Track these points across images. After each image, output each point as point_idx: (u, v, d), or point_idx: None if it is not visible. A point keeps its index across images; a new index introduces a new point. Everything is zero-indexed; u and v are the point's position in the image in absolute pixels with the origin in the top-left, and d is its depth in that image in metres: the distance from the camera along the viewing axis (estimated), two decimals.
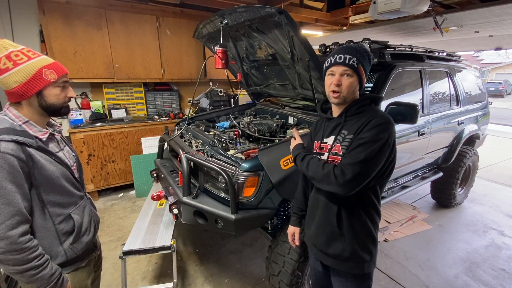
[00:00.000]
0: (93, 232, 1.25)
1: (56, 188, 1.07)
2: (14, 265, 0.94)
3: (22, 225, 0.95)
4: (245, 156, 1.81)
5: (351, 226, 1.17)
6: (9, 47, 0.99)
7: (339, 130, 1.17)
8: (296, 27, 1.81)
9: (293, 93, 2.68)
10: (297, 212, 1.46)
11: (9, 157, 0.91)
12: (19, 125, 1.01)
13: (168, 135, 2.70)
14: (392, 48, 2.56)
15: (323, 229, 1.23)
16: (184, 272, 2.42)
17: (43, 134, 1.06)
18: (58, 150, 1.14)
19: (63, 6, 3.27)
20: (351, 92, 1.14)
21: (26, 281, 0.99)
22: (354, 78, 1.12)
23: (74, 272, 1.17)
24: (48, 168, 1.02)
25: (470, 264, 2.57)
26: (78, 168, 1.25)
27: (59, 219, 1.09)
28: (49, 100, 1.05)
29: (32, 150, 0.98)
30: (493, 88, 20.00)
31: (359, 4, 3.85)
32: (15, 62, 0.97)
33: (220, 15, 2.20)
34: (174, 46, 4.14)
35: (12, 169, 0.92)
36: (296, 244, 1.47)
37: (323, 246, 1.25)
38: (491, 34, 4.20)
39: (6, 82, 0.98)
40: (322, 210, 1.23)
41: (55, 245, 1.09)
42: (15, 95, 1.00)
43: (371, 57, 1.18)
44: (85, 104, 3.81)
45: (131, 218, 3.26)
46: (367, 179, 1.08)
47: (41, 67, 1.01)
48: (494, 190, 4.22)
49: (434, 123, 2.76)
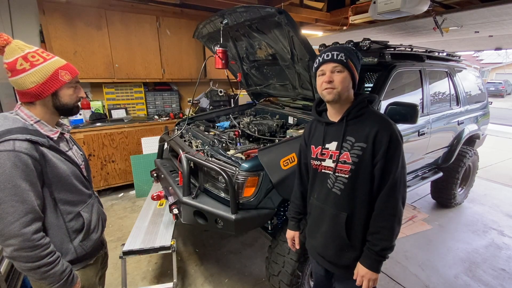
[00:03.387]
0: (101, 229, 1.27)
1: (67, 187, 1.08)
2: (27, 262, 0.95)
3: (36, 223, 0.97)
4: (245, 156, 1.81)
5: (361, 237, 1.16)
6: (25, 48, 1.01)
7: (343, 135, 1.14)
8: (296, 27, 1.81)
9: (293, 93, 2.68)
10: (295, 216, 1.43)
11: (23, 155, 0.93)
12: (30, 125, 1.02)
13: (168, 135, 2.70)
14: (392, 48, 2.57)
15: (332, 240, 1.21)
16: (184, 272, 2.42)
17: (54, 133, 1.08)
18: (67, 149, 1.16)
19: (63, 6, 3.27)
20: (345, 88, 1.11)
21: (38, 278, 1.00)
22: (345, 73, 1.10)
23: (83, 270, 1.18)
24: (59, 167, 1.04)
25: (470, 264, 2.57)
26: (86, 167, 1.26)
27: (70, 217, 1.11)
28: (63, 100, 1.08)
29: (44, 149, 1.00)
30: (493, 88, 19.99)
31: (359, 4, 3.85)
32: (32, 63, 1.00)
33: (220, 15, 2.20)
34: (174, 46, 4.14)
35: (26, 168, 0.93)
36: (296, 248, 1.45)
37: (334, 258, 1.23)
38: (491, 34, 4.20)
39: (22, 82, 0.99)
40: (330, 222, 1.20)
41: (66, 243, 1.10)
42: (30, 95, 1.02)
43: (358, 54, 1.16)
44: (85, 104, 3.79)
45: (131, 218, 3.26)
46: None
47: (57, 68, 1.04)
48: (494, 190, 4.21)
49: (434, 123, 2.76)
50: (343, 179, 1.14)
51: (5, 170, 0.90)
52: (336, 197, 1.17)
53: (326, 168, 1.19)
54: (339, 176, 1.15)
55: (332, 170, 1.16)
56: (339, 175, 1.15)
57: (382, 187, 1.10)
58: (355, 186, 1.13)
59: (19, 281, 1.79)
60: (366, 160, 1.09)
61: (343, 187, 1.15)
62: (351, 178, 1.12)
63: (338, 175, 1.15)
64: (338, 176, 1.15)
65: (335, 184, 1.16)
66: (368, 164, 1.09)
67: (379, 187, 1.11)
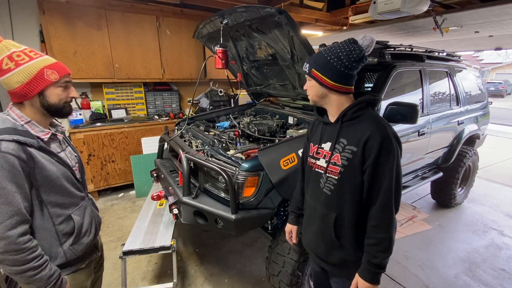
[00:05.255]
0: (94, 233, 1.24)
1: (57, 189, 1.06)
2: (13, 266, 0.94)
3: (22, 225, 0.95)
4: (245, 156, 1.81)
5: (349, 237, 1.16)
6: (11, 47, 0.99)
7: (336, 137, 1.14)
8: (296, 27, 1.81)
9: (293, 93, 2.68)
10: (294, 211, 1.47)
11: (9, 156, 0.91)
12: (21, 125, 1.00)
13: (168, 135, 2.70)
14: (392, 48, 2.56)
15: (322, 238, 1.23)
16: (184, 272, 2.42)
17: (44, 134, 1.06)
18: (60, 151, 1.14)
19: (63, 6, 3.27)
20: (315, 95, 1.16)
21: (25, 282, 0.98)
22: (312, 82, 1.16)
23: (73, 274, 1.16)
24: (48, 168, 1.02)
25: (470, 264, 2.57)
26: (80, 168, 1.24)
27: (59, 219, 1.08)
28: (51, 100, 1.05)
29: (33, 150, 0.98)
30: (493, 88, 19.99)
31: (359, 4, 3.85)
32: (17, 62, 0.97)
33: (220, 15, 2.20)
34: (174, 46, 4.14)
35: (12, 169, 0.92)
36: (293, 242, 1.48)
37: (324, 255, 1.25)
38: (491, 34, 4.19)
39: (8, 82, 0.98)
40: (320, 220, 1.22)
41: (55, 246, 1.08)
42: (17, 95, 1.00)
43: (340, 57, 1.09)
44: (85, 104, 3.81)
45: (131, 218, 3.26)
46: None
47: (43, 67, 1.01)
48: (494, 190, 4.22)
49: (434, 123, 2.76)
50: (333, 180, 1.14)
51: None
52: (326, 197, 1.18)
53: (319, 168, 1.21)
54: (330, 177, 1.16)
55: (324, 170, 1.18)
56: (329, 175, 1.16)
57: (372, 194, 1.08)
58: (343, 189, 1.12)
59: None
60: (355, 164, 1.08)
61: (332, 188, 1.15)
62: (340, 180, 1.12)
63: (328, 175, 1.16)
64: (329, 176, 1.16)
65: (326, 184, 1.18)
66: (357, 168, 1.08)
67: (368, 196, 1.09)
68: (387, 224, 1.07)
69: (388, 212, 1.07)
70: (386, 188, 1.05)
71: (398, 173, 1.07)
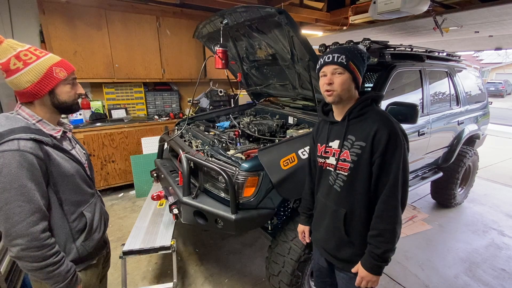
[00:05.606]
0: (103, 229, 1.26)
1: (71, 186, 1.07)
2: (34, 262, 0.95)
3: (42, 222, 0.96)
4: (245, 156, 1.81)
5: (359, 233, 1.18)
6: (17, 47, 0.99)
7: (344, 134, 1.16)
8: (296, 27, 1.81)
9: (293, 93, 2.68)
10: (305, 212, 1.48)
11: (28, 155, 0.92)
12: (33, 124, 1.01)
13: (168, 135, 2.70)
14: (392, 48, 2.57)
15: (332, 234, 1.25)
16: (184, 272, 2.42)
17: (57, 132, 1.07)
18: (71, 148, 1.15)
19: (63, 6, 3.27)
20: (346, 90, 1.12)
21: (43, 278, 0.99)
22: (346, 75, 1.11)
23: (84, 271, 1.18)
24: (64, 166, 1.03)
25: (470, 264, 2.57)
26: (89, 165, 1.25)
27: (73, 216, 1.10)
28: (61, 98, 1.05)
29: (48, 148, 0.99)
30: (493, 88, 19.98)
31: (359, 4, 3.85)
32: (25, 61, 0.97)
33: (220, 15, 2.20)
34: (174, 46, 4.14)
35: (31, 167, 0.92)
36: (306, 241, 1.50)
37: (333, 251, 1.27)
38: (491, 34, 4.19)
39: (17, 82, 0.97)
40: (330, 217, 1.24)
41: (69, 242, 1.09)
42: (27, 95, 1.00)
43: (364, 55, 1.16)
44: (85, 104, 3.80)
45: (131, 218, 3.26)
46: None
47: (51, 65, 1.01)
48: (494, 190, 4.22)
49: (434, 123, 2.76)
50: (343, 176, 1.17)
51: (11, 170, 0.89)
52: (336, 193, 1.20)
53: (329, 166, 1.23)
54: (340, 173, 1.18)
55: (334, 167, 1.20)
56: (339, 172, 1.18)
57: (380, 187, 1.10)
58: (353, 184, 1.15)
59: (19, 281, 1.79)
60: (365, 159, 1.10)
61: (342, 184, 1.18)
62: (350, 176, 1.15)
63: (338, 172, 1.18)
64: (339, 173, 1.18)
65: (336, 181, 1.20)
66: (366, 162, 1.10)
67: (376, 186, 1.11)
68: (390, 216, 1.09)
69: (392, 204, 1.08)
70: (392, 179, 1.07)
71: (405, 167, 1.09)
